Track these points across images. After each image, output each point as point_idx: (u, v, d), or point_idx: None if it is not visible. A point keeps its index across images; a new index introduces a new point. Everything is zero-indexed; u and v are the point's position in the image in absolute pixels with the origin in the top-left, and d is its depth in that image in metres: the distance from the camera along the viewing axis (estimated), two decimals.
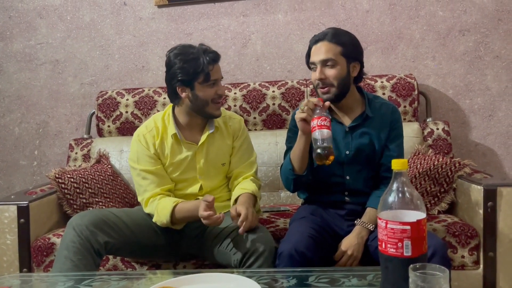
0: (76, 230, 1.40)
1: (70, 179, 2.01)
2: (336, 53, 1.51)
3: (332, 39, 1.51)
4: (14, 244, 1.80)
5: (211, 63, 1.54)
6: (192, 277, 1.15)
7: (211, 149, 1.65)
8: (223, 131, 1.68)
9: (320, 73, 1.51)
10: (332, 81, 1.51)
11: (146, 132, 1.64)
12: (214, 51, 1.57)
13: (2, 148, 2.74)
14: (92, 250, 1.39)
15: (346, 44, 1.52)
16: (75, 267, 1.35)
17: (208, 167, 1.64)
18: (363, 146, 1.58)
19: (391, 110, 1.62)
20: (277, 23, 2.54)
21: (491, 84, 2.44)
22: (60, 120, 2.69)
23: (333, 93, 1.52)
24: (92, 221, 1.43)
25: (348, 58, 1.53)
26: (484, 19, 2.42)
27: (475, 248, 1.70)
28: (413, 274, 0.85)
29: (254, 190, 1.59)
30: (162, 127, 1.64)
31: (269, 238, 1.44)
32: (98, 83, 2.65)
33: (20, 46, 2.68)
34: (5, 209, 1.80)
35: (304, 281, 1.16)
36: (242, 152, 1.70)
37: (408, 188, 0.94)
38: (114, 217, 1.51)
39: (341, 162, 1.59)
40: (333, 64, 1.50)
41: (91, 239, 1.39)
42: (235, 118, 1.73)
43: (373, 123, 1.59)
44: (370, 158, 1.59)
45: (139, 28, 2.61)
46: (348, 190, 1.60)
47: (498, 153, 2.46)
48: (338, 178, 1.60)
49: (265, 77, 2.56)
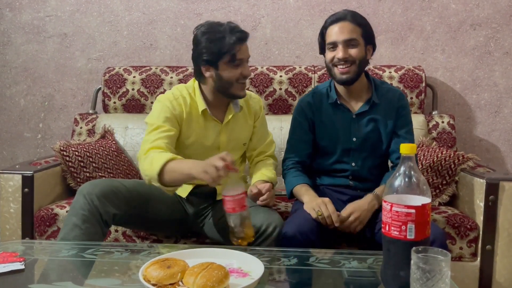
0: (86, 198, 1.38)
1: (74, 152, 2.02)
2: (358, 33, 1.52)
3: (353, 20, 1.52)
4: (18, 213, 1.81)
5: (238, 43, 1.48)
6: (195, 251, 1.17)
7: (235, 129, 1.63)
8: (245, 111, 1.67)
9: (344, 52, 1.50)
10: (355, 59, 1.51)
11: (173, 99, 1.55)
12: (242, 30, 1.52)
13: (7, 119, 2.74)
14: (101, 219, 1.39)
15: (365, 26, 1.54)
16: (82, 235, 1.35)
17: (230, 146, 1.63)
18: (370, 133, 1.59)
19: (398, 97, 1.62)
20: (288, 8, 2.52)
21: (499, 80, 2.43)
22: (66, 94, 2.69)
23: (353, 72, 1.52)
24: (103, 191, 1.40)
25: (366, 40, 1.55)
26: (497, 14, 2.40)
27: (473, 241, 1.71)
28: (415, 256, 0.86)
29: (273, 179, 1.63)
30: (190, 100, 1.57)
31: (279, 219, 1.44)
32: (106, 59, 2.64)
33: (29, 18, 2.67)
34: (10, 178, 1.82)
35: (304, 261, 1.17)
36: (262, 131, 1.72)
37: (415, 173, 0.95)
38: (124, 189, 1.48)
39: (348, 149, 1.60)
40: (356, 44, 1.52)
41: (101, 209, 1.38)
42: (255, 98, 1.72)
43: (380, 109, 1.60)
44: (376, 145, 1.61)
45: (149, 6, 2.60)
46: (353, 176, 1.62)
47: (502, 149, 2.46)
48: (344, 164, 1.62)
49: (273, 62, 2.55)
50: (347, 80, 1.54)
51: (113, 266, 1.17)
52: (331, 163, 1.63)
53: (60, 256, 1.23)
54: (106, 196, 1.40)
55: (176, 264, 1.00)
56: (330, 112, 1.63)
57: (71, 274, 1.14)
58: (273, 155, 1.75)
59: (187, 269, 0.98)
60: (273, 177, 1.64)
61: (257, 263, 1.07)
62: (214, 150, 1.59)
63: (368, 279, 1.09)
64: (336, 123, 1.61)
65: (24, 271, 1.11)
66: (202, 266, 0.97)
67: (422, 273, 0.84)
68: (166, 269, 0.97)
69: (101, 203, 1.38)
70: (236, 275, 1.04)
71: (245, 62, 1.53)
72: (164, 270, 0.97)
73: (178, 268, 0.98)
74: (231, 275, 0.99)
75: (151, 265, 1.00)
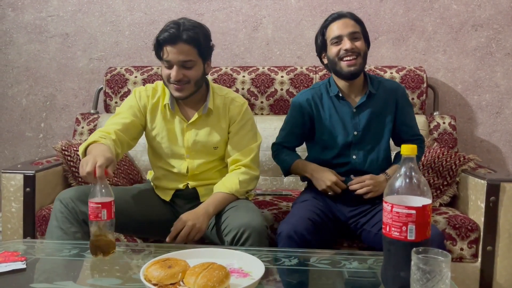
0: (62, 202, 1.42)
1: (76, 152, 2.02)
2: (359, 30, 1.60)
3: (352, 17, 1.61)
4: (19, 212, 1.82)
5: (163, 43, 1.46)
6: (196, 251, 1.17)
7: (202, 130, 1.60)
8: (220, 114, 1.61)
9: (351, 43, 1.56)
10: (360, 51, 1.58)
11: (143, 89, 1.63)
12: (171, 31, 1.44)
13: (9, 119, 2.75)
14: (79, 219, 1.41)
15: (362, 24, 1.63)
16: (65, 234, 1.38)
17: (197, 147, 1.60)
18: (371, 125, 1.63)
19: (396, 87, 1.69)
20: (290, 8, 2.52)
21: (500, 81, 2.43)
22: (67, 94, 2.70)
23: (359, 64, 1.58)
24: (77, 194, 1.44)
25: (364, 37, 1.62)
26: (498, 15, 2.40)
27: (474, 242, 1.71)
28: (415, 257, 0.86)
29: (233, 189, 1.51)
30: (161, 92, 1.62)
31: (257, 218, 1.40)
32: (107, 59, 2.65)
33: (31, 18, 2.67)
34: (12, 178, 1.82)
35: (305, 261, 1.17)
36: (240, 138, 1.61)
37: (416, 174, 0.95)
38: None
39: (348, 143, 1.63)
40: (359, 37, 1.59)
41: (76, 209, 1.41)
42: (237, 102, 1.63)
43: (378, 100, 1.64)
44: (378, 137, 1.64)
45: (151, 6, 2.60)
46: (354, 172, 1.62)
47: (503, 150, 2.46)
48: (345, 158, 1.64)
49: (274, 62, 2.55)
50: (354, 73, 1.58)
51: (114, 265, 1.17)
52: (332, 157, 1.65)
53: (61, 255, 1.24)
54: (80, 198, 1.42)
55: (177, 264, 1.00)
56: (330, 107, 1.66)
57: (72, 273, 1.14)
58: (248, 165, 1.58)
59: (188, 269, 0.99)
60: (234, 188, 1.52)
61: (258, 263, 1.07)
62: (180, 148, 1.61)
63: (369, 279, 1.10)
64: (337, 117, 1.65)
65: (26, 270, 1.11)
66: (203, 266, 0.97)
67: (422, 274, 0.84)
68: (167, 269, 0.98)
69: (75, 204, 1.41)
70: (236, 275, 1.04)
71: (175, 65, 1.47)
72: (165, 270, 0.97)
73: (179, 268, 0.99)
74: (231, 275, 1.00)
75: (152, 265, 1.00)
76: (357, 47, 1.57)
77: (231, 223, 1.40)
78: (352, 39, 1.57)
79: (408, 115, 1.70)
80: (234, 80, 2.37)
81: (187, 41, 1.45)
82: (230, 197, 1.52)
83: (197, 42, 1.47)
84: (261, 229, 1.37)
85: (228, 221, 1.42)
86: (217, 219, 1.50)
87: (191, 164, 1.61)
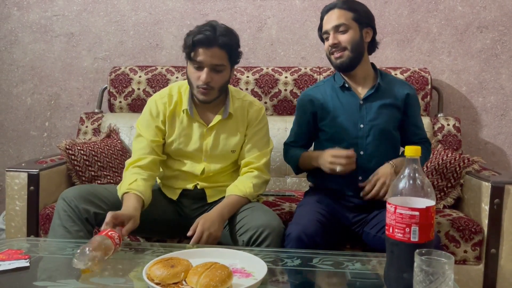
0: (65, 200, 1.43)
1: (80, 151, 2.03)
2: (348, 18, 1.53)
3: (343, 6, 1.55)
4: (23, 210, 1.83)
5: (196, 45, 1.46)
6: (199, 251, 1.17)
7: (221, 135, 1.60)
8: (238, 118, 1.62)
9: (333, 39, 1.53)
10: (346, 45, 1.53)
11: (158, 98, 1.62)
12: (207, 33, 1.45)
13: (14, 118, 2.76)
14: (82, 218, 1.42)
15: (357, 10, 1.55)
16: (68, 233, 1.38)
17: (216, 151, 1.60)
18: (378, 119, 1.57)
19: (407, 85, 1.66)
20: (294, 9, 2.52)
21: (505, 83, 2.42)
22: (72, 93, 2.71)
23: (347, 56, 1.54)
24: (80, 192, 1.45)
25: (361, 23, 1.55)
26: (504, 17, 2.39)
27: (478, 244, 1.70)
28: (418, 258, 0.86)
29: (247, 192, 1.52)
30: (177, 97, 1.61)
31: (276, 219, 1.44)
32: (112, 59, 2.66)
33: (36, 17, 2.69)
34: (16, 176, 1.83)
35: (308, 262, 1.17)
36: (255, 141, 1.63)
37: (420, 175, 0.95)
38: (105, 191, 1.51)
39: (355, 136, 1.57)
40: (346, 29, 1.53)
41: (80, 208, 1.41)
42: (256, 106, 1.65)
43: (388, 94, 1.60)
44: (386, 132, 1.58)
45: (155, 6, 2.61)
46: (362, 169, 1.54)
47: (508, 153, 2.45)
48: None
49: (278, 62, 2.55)
50: (342, 65, 1.56)
51: (117, 264, 1.17)
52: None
53: (64, 254, 1.24)
54: (83, 197, 1.43)
55: (179, 263, 1.00)
56: (335, 98, 1.62)
57: (75, 272, 1.14)
58: (260, 168, 1.61)
59: (190, 269, 0.99)
60: (248, 191, 1.53)
61: (260, 263, 1.07)
62: (198, 152, 1.60)
63: (372, 281, 1.09)
64: (343, 110, 1.60)
65: (29, 268, 1.12)
66: (206, 265, 0.97)
67: (425, 276, 0.84)
68: (170, 268, 0.98)
69: (79, 203, 1.42)
70: (239, 275, 1.04)
71: (206, 68, 1.47)
72: (168, 269, 0.97)
73: (181, 268, 0.99)
74: (234, 275, 1.00)
75: (154, 264, 1.00)
76: (340, 41, 1.53)
77: (249, 222, 1.42)
78: (337, 32, 1.53)
79: (418, 116, 1.67)
80: (238, 80, 2.37)
81: (221, 46, 1.47)
82: (243, 200, 1.52)
83: (230, 48, 1.50)
84: (279, 229, 1.40)
85: (246, 221, 1.44)
86: (232, 219, 1.50)
87: (208, 168, 1.61)
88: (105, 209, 1.46)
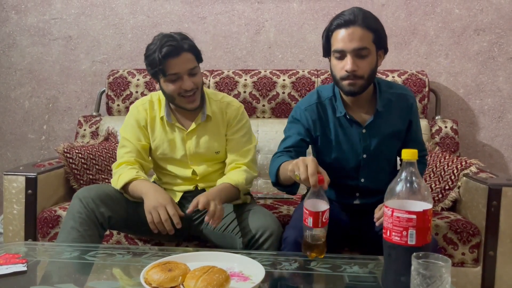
0: (82, 201, 1.42)
1: (78, 154, 2.03)
2: (369, 40, 1.34)
3: (364, 24, 1.32)
4: (21, 214, 1.82)
5: (166, 58, 1.44)
6: (197, 255, 1.17)
7: (202, 137, 1.61)
8: (218, 119, 1.62)
9: (352, 65, 1.32)
10: (363, 73, 1.35)
11: (140, 104, 1.64)
12: (171, 44, 1.44)
13: (12, 121, 2.76)
14: (97, 222, 1.42)
15: (377, 30, 1.36)
16: (81, 237, 1.38)
17: (199, 154, 1.61)
18: (381, 147, 1.47)
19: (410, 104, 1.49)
20: (292, 12, 2.53)
21: (502, 85, 2.43)
22: (70, 96, 2.71)
23: (359, 85, 1.36)
24: (98, 194, 1.45)
25: (378, 45, 1.37)
26: (500, 19, 2.40)
27: (476, 246, 1.71)
28: (415, 261, 0.86)
29: (239, 182, 1.52)
30: (157, 104, 1.63)
31: (276, 222, 1.45)
32: (110, 62, 2.66)
33: (34, 20, 2.69)
34: (14, 180, 1.83)
35: (306, 266, 1.17)
36: (237, 140, 1.63)
37: (417, 179, 0.95)
38: (117, 194, 1.52)
39: (356, 166, 1.48)
40: (366, 54, 1.33)
41: (96, 211, 1.42)
42: (233, 106, 1.65)
43: (389, 119, 1.46)
44: (388, 157, 1.50)
45: (153, 9, 2.61)
46: (361, 192, 1.52)
47: (505, 155, 2.46)
48: (352, 181, 1.51)
49: (276, 65, 2.56)
50: (350, 92, 1.38)
51: (114, 268, 1.17)
52: (336, 178, 1.36)
53: (62, 258, 1.24)
54: (101, 199, 1.44)
55: (177, 267, 1.00)
56: (336, 126, 1.47)
57: (73, 276, 1.14)
58: (248, 165, 1.61)
59: (188, 273, 0.99)
60: (240, 181, 1.52)
61: (258, 267, 1.07)
62: (183, 157, 1.62)
63: (369, 284, 1.09)
64: (344, 139, 1.47)
65: (27, 272, 1.11)
66: (203, 269, 0.97)
67: (423, 279, 0.84)
68: (167, 272, 0.98)
69: (96, 206, 1.42)
70: (237, 278, 1.04)
71: (185, 75, 1.48)
72: (165, 273, 0.97)
73: (179, 272, 0.99)
74: (232, 278, 0.99)
75: (152, 268, 1.00)
76: (360, 69, 1.33)
77: (249, 224, 1.43)
78: (357, 56, 1.33)
79: (418, 131, 1.55)
80: (236, 83, 2.37)
81: (189, 50, 1.49)
82: (234, 190, 1.53)
83: (195, 49, 1.52)
84: (279, 232, 1.42)
85: (246, 223, 1.45)
86: (231, 221, 1.51)
87: (198, 170, 1.63)
88: (120, 213, 1.49)
